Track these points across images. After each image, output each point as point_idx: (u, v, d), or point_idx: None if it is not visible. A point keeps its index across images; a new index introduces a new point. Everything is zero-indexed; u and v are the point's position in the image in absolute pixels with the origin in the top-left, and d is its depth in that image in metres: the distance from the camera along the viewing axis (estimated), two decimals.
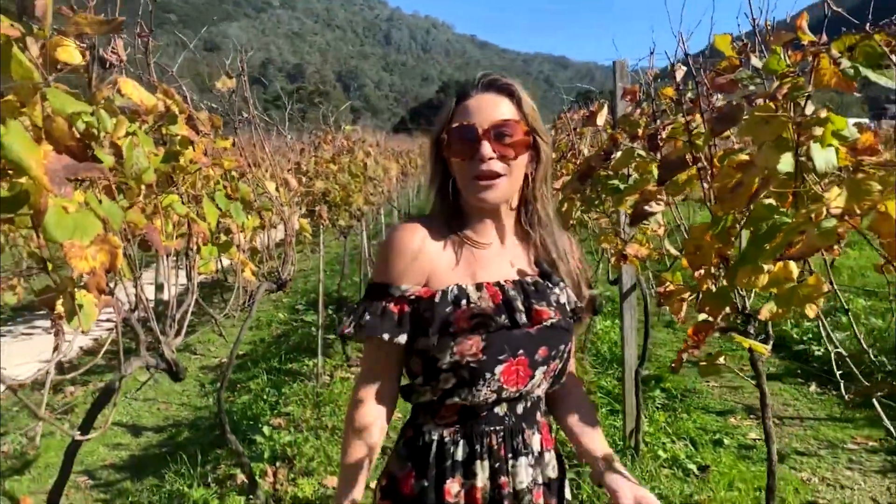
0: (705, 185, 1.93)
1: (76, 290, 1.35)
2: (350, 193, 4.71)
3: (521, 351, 1.24)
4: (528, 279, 1.32)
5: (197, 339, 6.54)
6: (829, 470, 3.44)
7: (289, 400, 4.48)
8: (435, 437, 1.28)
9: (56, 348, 1.43)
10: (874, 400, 1.69)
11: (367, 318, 1.24)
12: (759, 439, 3.81)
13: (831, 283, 1.53)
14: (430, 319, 1.22)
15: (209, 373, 5.66)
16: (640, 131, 2.46)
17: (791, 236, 1.44)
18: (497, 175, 1.25)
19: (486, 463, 1.26)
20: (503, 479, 1.26)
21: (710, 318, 1.84)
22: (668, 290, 2.06)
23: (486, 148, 1.23)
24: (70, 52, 1.38)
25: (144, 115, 1.75)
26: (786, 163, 1.50)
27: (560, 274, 1.36)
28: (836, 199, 1.35)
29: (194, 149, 2.07)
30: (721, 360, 1.98)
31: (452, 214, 1.32)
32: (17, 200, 1.22)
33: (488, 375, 1.22)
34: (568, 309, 1.34)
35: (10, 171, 1.14)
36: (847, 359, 1.66)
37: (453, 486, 1.26)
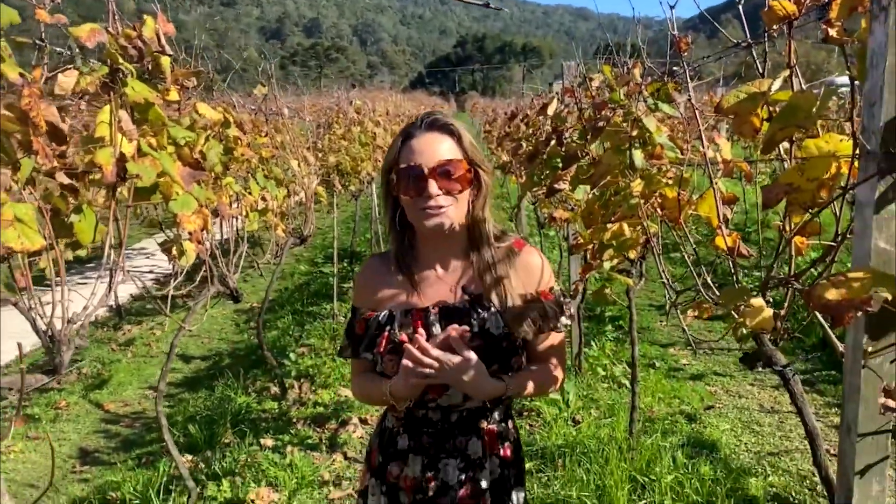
0: None
1: (183, 241, 2.28)
2: (359, 162, 5.58)
3: None
4: (458, 302, 1.44)
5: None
6: (736, 385, 4.35)
7: (310, 334, 5.46)
8: (389, 426, 1.54)
9: (175, 274, 2.36)
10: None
11: (344, 343, 1.55)
12: (687, 364, 4.73)
13: (648, 241, 2.40)
14: (370, 337, 1.47)
15: (243, 314, 6.67)
16: (565, 126, 3.31)
17: (615, 208, 2.32)
18: (442, 206, 1.37)
19: (419, 457, 1.47)
20: (429, 473, 1.46)
21: (596, 261, 2.73)
22: (577, 241, 2.95)
23: (433, 186, 1.35)
24: (174, 94, 2.27)
25: (212, 126, 2.63)
26: (624, 160, 2.36)
27: (491, 297, 1.44)
28: (637, 186, 2.23)
29: (241, 144, 2.97)
30: (607, 291, 2.89)
31: (402, 247, 1.49)
32: (149, 190, 2.11)
33: None
34: (494, 332, 1.41)
35: (158, 175, 2.04)
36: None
37: (394, 468, 1.50)
